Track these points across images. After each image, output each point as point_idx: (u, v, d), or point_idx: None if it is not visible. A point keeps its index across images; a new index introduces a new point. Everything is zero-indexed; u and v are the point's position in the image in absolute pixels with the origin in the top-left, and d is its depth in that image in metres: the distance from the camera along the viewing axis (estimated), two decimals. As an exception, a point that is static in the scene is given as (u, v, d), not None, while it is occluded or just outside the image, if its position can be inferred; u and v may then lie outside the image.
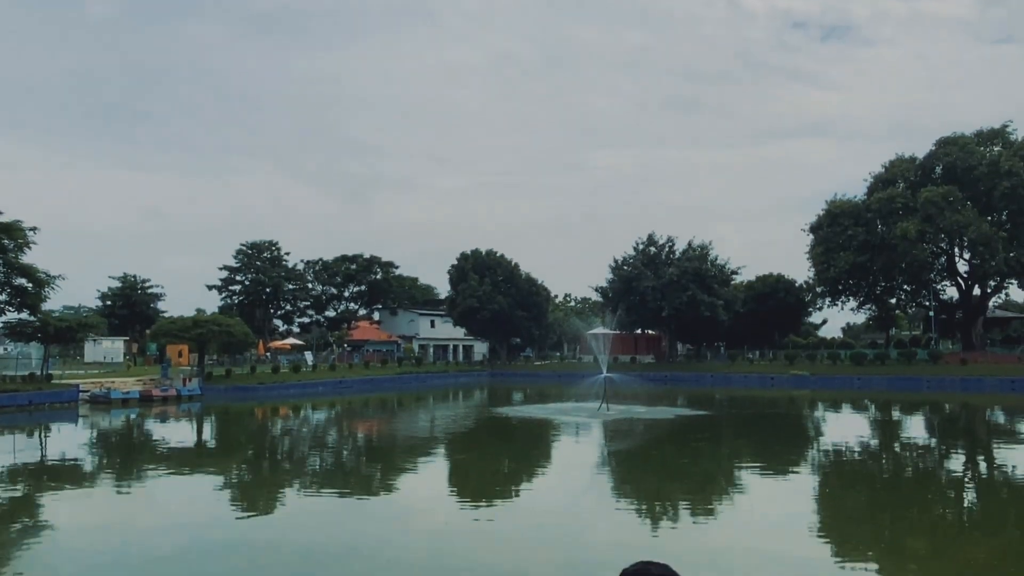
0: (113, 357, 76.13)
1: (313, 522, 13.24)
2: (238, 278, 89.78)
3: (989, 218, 62.12)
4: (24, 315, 44.27)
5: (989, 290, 68.39)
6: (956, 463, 21.38)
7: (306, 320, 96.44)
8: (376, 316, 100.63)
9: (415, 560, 10.52)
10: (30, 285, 42.69)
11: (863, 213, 65.94)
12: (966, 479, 18.40)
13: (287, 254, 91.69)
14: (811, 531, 12.38)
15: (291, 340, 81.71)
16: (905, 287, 71.60)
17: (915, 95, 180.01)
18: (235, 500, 15.92)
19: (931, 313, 71.12)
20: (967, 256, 66.08)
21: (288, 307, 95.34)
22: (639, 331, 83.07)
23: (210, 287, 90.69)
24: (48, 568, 10.39)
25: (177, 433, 30.94)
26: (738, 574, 9.64)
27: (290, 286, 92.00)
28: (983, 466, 20.82)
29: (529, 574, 9.71)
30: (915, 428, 32.39)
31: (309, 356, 70.32)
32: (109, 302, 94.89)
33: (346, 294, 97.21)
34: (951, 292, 72.09)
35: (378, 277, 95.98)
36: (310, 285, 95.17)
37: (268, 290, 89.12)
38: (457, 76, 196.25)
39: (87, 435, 30.11)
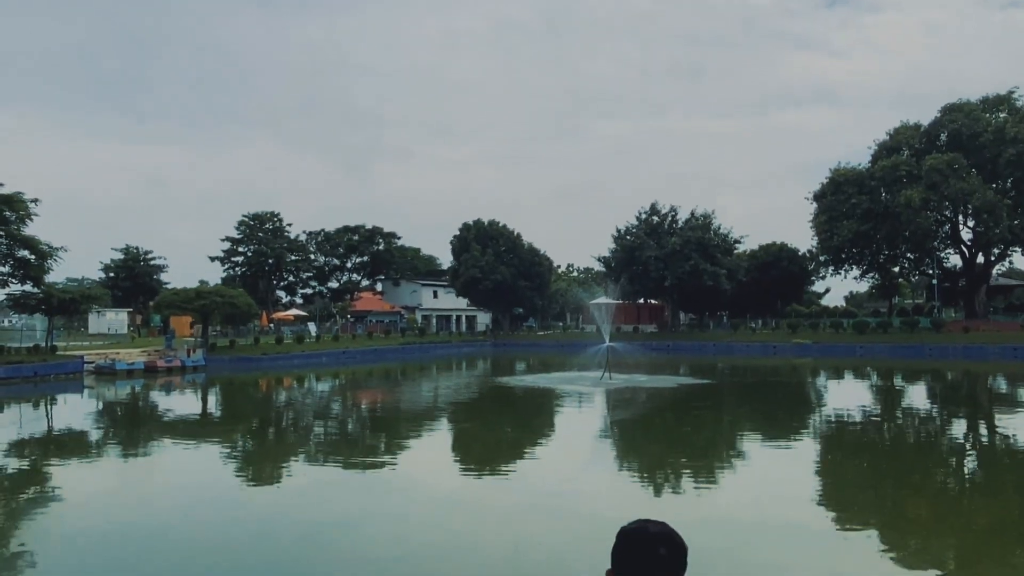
0: (117, 329, 76.45)
1: (317, 492, 13.34)
2: (240, 249, 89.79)
3: (994, 185, 61.83)
4: (27, 287, 44.38)
5: (993, 258, 68.26)
6: (958, 430, 21.45)
7: (309, 291, 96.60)
8: (379, 287, 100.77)
9: (419, 528, 10.61)
10: (32, 257, 42.76)
11: (867, 181, 65.63)
12: (968, 446, 18.47)
13: (289, 225, 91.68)
14: (813, 498, 12.45)
15: (294, 311, 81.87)
16: (908, 255, 71.48)
17: (921, 61, 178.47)
18: (240, 470, 16.04)
19: (934, 281, 71.03)
20: (971, 224, 65.84)
21: (291, 278, 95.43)
22: (642, 301, 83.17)
23: (212, 258, 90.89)
24: (55, 537, 10.48)
25: (182, 403, 31.12)
26: (740, 541, 9.70)
27: (292, 257, 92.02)
28: (984, 433, 20.89)
29: (533, 541, 9.79)
30: (917, 396, 32.47)
31: (312, 327, 70.53)
32: (112, 274, 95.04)
33: (348, 265, 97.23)
34: (955, 260, 72.02)
35: (380, 248, 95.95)
36: (312, 256, 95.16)
37: (270, 261, 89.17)
38: (458, 43, 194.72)
39: (93, 405, 30.29)
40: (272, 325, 73.48)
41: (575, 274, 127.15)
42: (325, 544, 9.83)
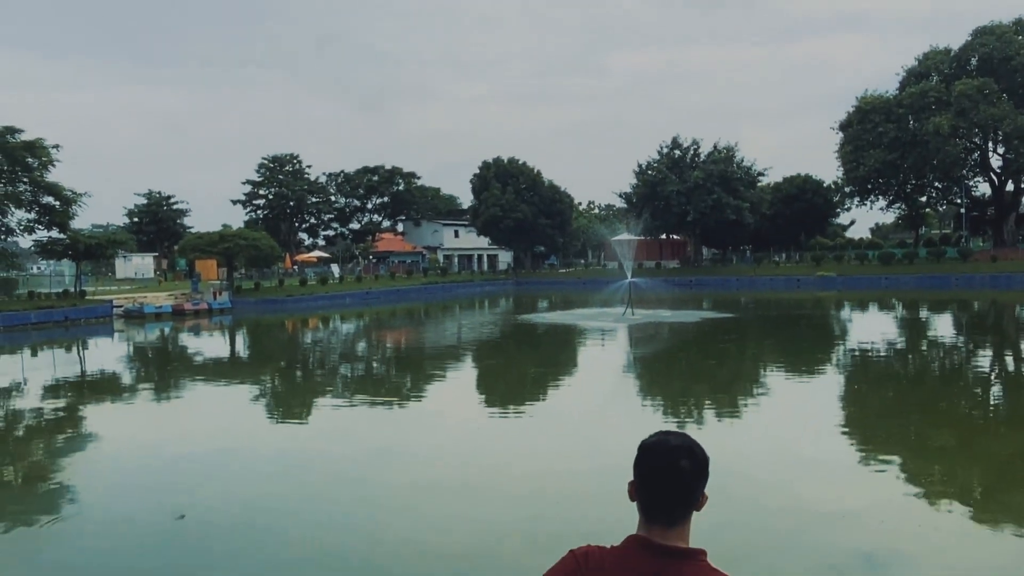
0: (144, 273, 77.50)
1: (344, 430, 13.59)
2: (261, 192, 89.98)
3: (1025, 110, 60.26)
4: (54, 233, 44.96)
5: (1023, 185, 66.90)
6: (983, 360, 21.34)
7: (331, 233, 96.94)
8: (400, 227, 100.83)
9: (446, 462, 10.81)
10: (57, 203, 43.23)
11: (894, 109, 64.17)
12: (993, 376, 18.39)
13: (308, 167, 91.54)
14: (836, 428, 12.50)
15: (317, 253, 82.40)
16: (936, 184, 70.26)
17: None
18: (270, 410, 16.36)
19: (962, 210, 69.92)
20: (1001, 151, 64.45)
21: (312, 220, 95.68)
22: (664, 236, 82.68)
23: (234, 202, 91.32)
24: (92, 474, 10.81)
25: (212, 345, 31.64)
26: (765, 472, 9.81)
27: (313, 199, 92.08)
28: (1011, 362, 20.78)
29: (557, 474, 9.94)
30: (942, 326, 32.29)
31: (335, 268, 71.00)
32: (136, 219, 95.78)
33: (369, 206, 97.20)
34: (983, 188, 70.76)
35: (400, 188, 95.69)
36: (333, 198, 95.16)
37: (292, 203, 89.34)
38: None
39: (125, 348, 30.89)
40: (295, 267, 74.07)
41: (596, 211, 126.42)
42: (355, 480, 10.05)
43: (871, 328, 31.02)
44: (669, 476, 1.93)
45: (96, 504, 9.33)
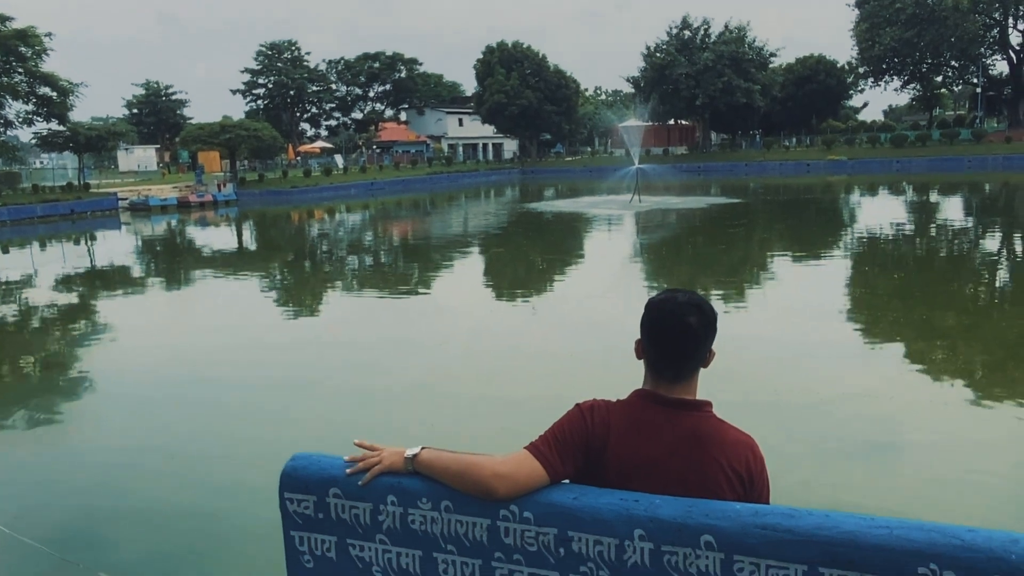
0: (146, 165, 76.94)
1: (356, 321, 13.74)
2: (260, 81, 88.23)
3: (1051, -17, 58.02)
4: (54, 125, 44.52)
5: (1042, 64, 65.08)
6: (992, 242, 21.25)
7: (333, 123, 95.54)
8: (403, 116, 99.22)
9: (460, 346, 10.97)
10: (54, 94, 42.59)
11: (914, -17, 61.83)
12: (1002, 258, 18.35)
13: (308, 54, 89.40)
14: (842, 313, 12.57)
15: (320, 143, 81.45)
16: (952, 63, 68.43)
17: None
18: (282, 299, 16.48)
19: (978, 90, 68.30)
20: (1022, 27, 62.36)
21: (314, 110, 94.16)
22: (672, 122, 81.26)
23: (234, 91, 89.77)
24: (110, 365, 11.01)
25: (219, 237, 31.70)
26: (772, 355, 9.90)
27: (314, 87, 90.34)
28: (1020, 245, 20.70)
29: (570, 354, 10.08)
30: (951, 208, 32.05)
31: (339, 159, 70.33)
32: (135, 111, 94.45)
33: (371, 94, 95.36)
34: (1001, 67, 68.89)
35: (402, 75, 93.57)
36: (334, 86, 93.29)
37: (292, 92, 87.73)
38: None
39: (133, 241, 30.98)
40: (299, 158, 73.38)
41: (603, 97, 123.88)
42: (366, 369, 10.22)
43: (879, 212, 30.81)
44: (677, 332, 1.95)
45: (112, 392, 9.55)
